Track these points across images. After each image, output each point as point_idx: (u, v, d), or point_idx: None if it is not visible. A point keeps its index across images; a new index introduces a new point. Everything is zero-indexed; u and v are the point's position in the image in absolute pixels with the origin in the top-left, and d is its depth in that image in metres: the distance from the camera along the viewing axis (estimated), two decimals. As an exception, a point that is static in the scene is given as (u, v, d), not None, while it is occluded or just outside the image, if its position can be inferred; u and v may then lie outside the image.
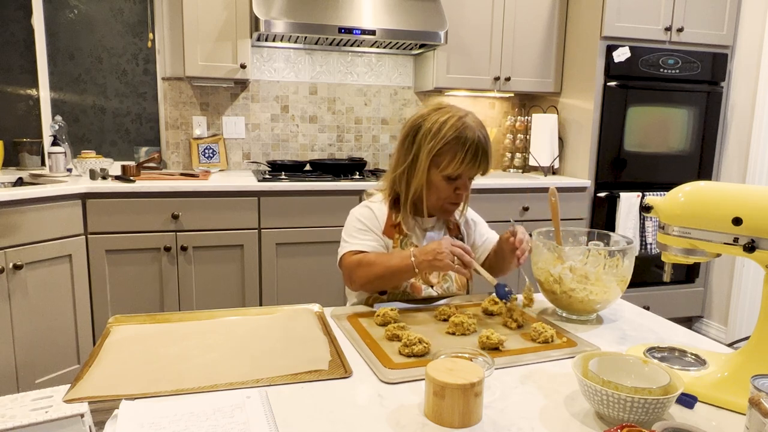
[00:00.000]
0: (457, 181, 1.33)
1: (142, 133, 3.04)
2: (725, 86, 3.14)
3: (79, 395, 0.84)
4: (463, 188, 1.35)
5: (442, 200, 1.36)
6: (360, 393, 0.87)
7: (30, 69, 2.82)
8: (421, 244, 1.41)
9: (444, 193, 1.34)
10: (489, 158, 1.31)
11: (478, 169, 1.31)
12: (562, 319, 1.24)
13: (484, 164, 1.31)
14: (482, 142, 1.28)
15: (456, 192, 1.34)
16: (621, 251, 1.19)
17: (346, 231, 1.41)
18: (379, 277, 1.28)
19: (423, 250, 1.23)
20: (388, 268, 1.26)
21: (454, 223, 1.48)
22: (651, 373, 0.84)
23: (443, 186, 1.33)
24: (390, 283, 1.32)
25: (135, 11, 2.94)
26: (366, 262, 1.29)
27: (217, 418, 0.78)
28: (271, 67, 3.10)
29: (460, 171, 1.30)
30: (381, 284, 1.32)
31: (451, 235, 1.46)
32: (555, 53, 3.17)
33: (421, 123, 1.33)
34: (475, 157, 1.28)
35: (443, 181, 1.32)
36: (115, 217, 2.35)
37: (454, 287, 1.43)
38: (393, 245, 1.38)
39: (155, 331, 1.11)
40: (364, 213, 1.41)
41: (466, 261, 1.19)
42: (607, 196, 3.00)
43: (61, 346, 2.29)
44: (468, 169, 1.30)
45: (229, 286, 2.54)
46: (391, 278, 1.28)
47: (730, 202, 0.88)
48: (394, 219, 1.40)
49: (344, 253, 1.36)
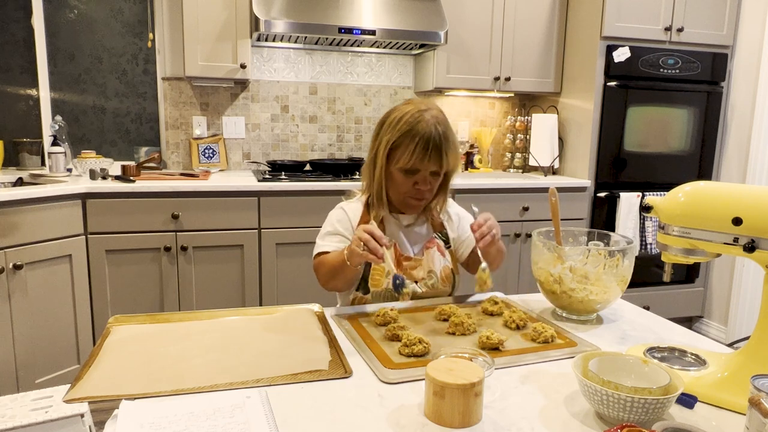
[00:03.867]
0: (415, 176, 1.32)
1: (142, 133, 3.04)
2: (725, 86, 3.14)
3: (79, 395, 0.84)
4: (423, 183, 1.33)
5: (402, 194, 1.36)
6: (360, 393, 0.87)
7: (30, 69, 2.83)
8: (401, 240, 1.42)
9: (403, 187, 1.34)
10: (442, 153, 1.29)
11: (430, 163, 1.29)
12: (562, 319, 1.24)
13: (435, 159, 1.29)
14: (434, 136, 1.27)
15: (416, 187, 1.33)
16: (621, 251, 1.19)
17: (319, 234, 1.44)
18: (330, 275, 1.30)
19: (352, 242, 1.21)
20: (332, 266, 1.28)
21: (437, 219, 1.48)
22: (651, 373, 0.84)
23: (402, 180, 1.33)
24: (340, 279, 1.30)
25: (135, 11, 2.94)
26: (321, 263, 1.33)
27: (217, 418, 0.78)
28: (271, 67, 3.10)
29: (411, 164, 1.29)
30: (335, 282, 1.32)
31: (435, 231, 1.47)
32: (555, 53, 3.17)
33: (386, 116, 1.35)
34: (425, 150, 1.27)
35: (401, 174, 1.33)
36: (115, 217, 2.35)
37: (439, 283, 1.42)
38: None
39: (155, 331, 1.11)
40: (337, 215, 1.43)
41: (371, 247, 1.13)
42: (607, 196, 3.00)
43: (61, 346, 2.29)
44: (419, 163, 1.29)
45: (229, 286, 2.54)
46: (337, 274, 1.28)
47: (730, 202, 0.88)
48: (371, 216, 1.40)
49: (313, 255, 1.40)
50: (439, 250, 1.44)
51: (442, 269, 1.42)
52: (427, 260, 1.41)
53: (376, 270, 1.36)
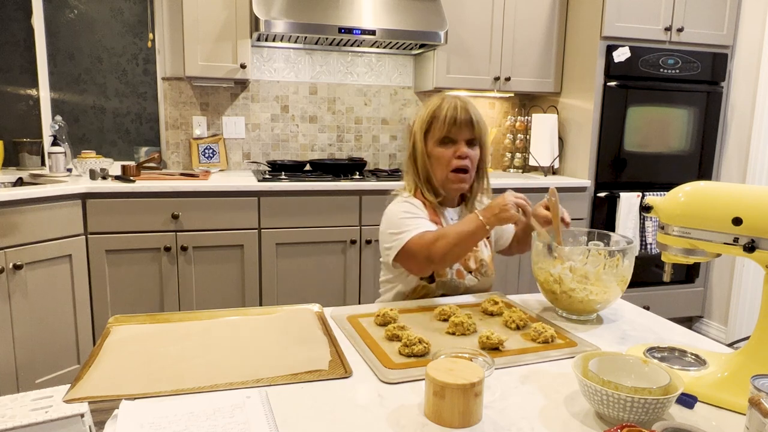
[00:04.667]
0: (453, 146, 1.41)
1: (142, 133, 3.04)
2: (725, 86, 3.14)
3: (79, 395, 0.84)
4: (461, 151, 1.40)
5: (446, 168, 1.42)
6: (360, 393, 0.87)
7: (30, 69, 2.82)
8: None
9: (444, 160, 1.41)
10: (471, 118, 1.40)
11: (462, 130, 1.40)
12: (562, 319, 1.24)
13: (466, 125, 1.39)
14: (459, 105, 1.40)
15: (456, 157, 1.40)
16: (621, 251, 1.19)
17: (395, 226, 1.39)
18: (456, 245, 1.30)
19: (487, 208, 1.30)
20: (461, 233, 1.30)
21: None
22: (651, 373, 0.84)
23: (441, 153, 1.41)
24: (467, 248, 1.35)
25: (135, 11, 2.94)
26: (442, 235, 1.32)
27: (217, 418, 0.78)
28: (271, 67, 3.10)
29: (445, 131, 1.39)
30: (459, 251, 1.33)
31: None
32: (555, 53, 3.17)
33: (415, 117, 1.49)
34: (454, 117, 1.38)
35: (439, 147, 1.41)
36: (115, 217, 2.35)
37: (489, 271, 1.50)
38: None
39: (155, 331, 1.11)
40: (406, 207, 1.43)
41: (527, 210, 1.30)
42: (607, 196, 3.00)
43: (61, 346, 2.29)
44: (453, 130, 1.39)
45: (229, 286, 2.54)
46: (467, 241, 1.32)
47: (730, 202, 0.88)
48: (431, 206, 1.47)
49: (409, 239, 1.35)
50: (484, 241, 1.50)
51: (488, 258, 1.51)
52: (476, 251, 1.47)
53: None
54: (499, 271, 2.91)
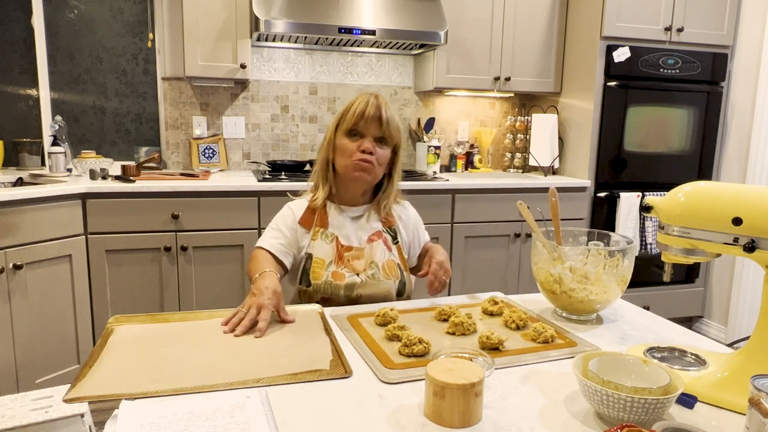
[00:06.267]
0: (359, 139, 1.40)
1: (142, 133, 3.04)
2: (725, 86, 3.14)
3: (79, 395, 0.84)
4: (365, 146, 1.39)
5: (348, 159, 1.41)
6: (360, 393, 0.87)
7: (30, 69, 2.82)
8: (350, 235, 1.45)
9: (348, 151, 1.41)
10: (381, 117, 1.40)
11: (371, 126, 1.39)
12: (562, 319, 1.24)
13: (375, 123, 1.39)
14: (371, 102, 1.40)
15: (361, 149, 1.39)
16: (621, 251, 1.19)
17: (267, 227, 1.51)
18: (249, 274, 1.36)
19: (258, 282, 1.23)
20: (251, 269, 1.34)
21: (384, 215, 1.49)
22: (651, 373, 0.84)
23: (346, 144, 1.41)
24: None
25: (135, 11, 2.94)
26: (252, 258, 1.39)
27: (217, 418, 0.78)
28: (271, 67, 3.10)
29: (353, 123, 1.39)
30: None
31: (384, 228, 1.49)
32: (555, 53, 3.17)
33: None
34: (363, 111, 1.39)
35: (345, 139, 1.41)
36: (115, 217, 2.35)
37: (381, 275, 1.43)
38: (312, 238, 1.43)
39: (155, 331, 1.11)
40: (282, 213, 1.50)
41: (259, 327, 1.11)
42: (607, 196, 3.00)
43: (61, 346, 2.29)
44: (361, 123, 1.39)
45: (229, 286, 2.54)
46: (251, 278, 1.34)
47: (730, 202, 0.88)
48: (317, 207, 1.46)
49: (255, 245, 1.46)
50: (385, 244, 1.47)
51: (385, 262, 1.44)
52: (369, 252, 1.44)
53: (316, 263, 1.40)
54: (499, 271, 2.92)
